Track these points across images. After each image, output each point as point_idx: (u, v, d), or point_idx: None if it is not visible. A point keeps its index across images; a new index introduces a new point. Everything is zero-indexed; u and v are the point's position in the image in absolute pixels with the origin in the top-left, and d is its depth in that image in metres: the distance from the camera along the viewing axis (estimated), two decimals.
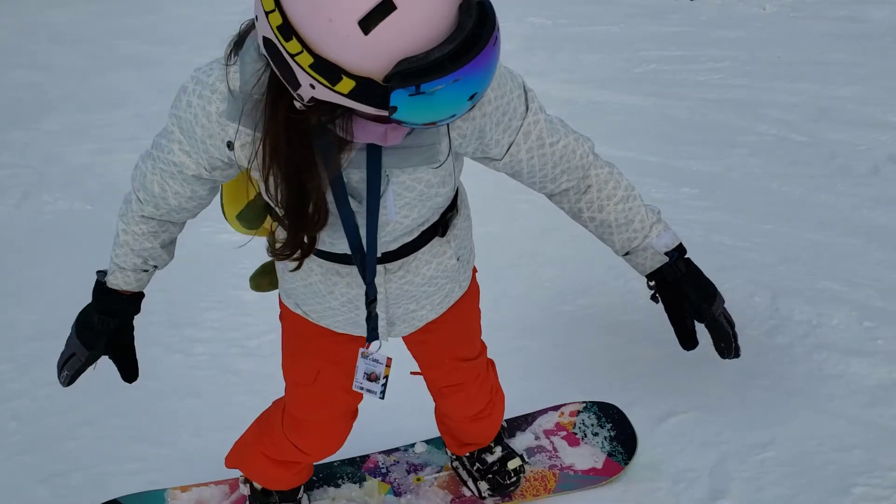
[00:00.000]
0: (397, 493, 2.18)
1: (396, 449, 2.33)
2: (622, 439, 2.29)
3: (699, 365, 2.32)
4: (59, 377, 1.64)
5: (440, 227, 1.54)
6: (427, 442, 2.35)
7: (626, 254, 1.60)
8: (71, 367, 1.62)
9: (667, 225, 1.60)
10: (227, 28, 1.31)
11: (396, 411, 2.16)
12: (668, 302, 1.59)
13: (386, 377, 1.63)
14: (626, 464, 2.21)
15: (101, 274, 1.61)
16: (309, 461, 1.99)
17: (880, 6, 9.43)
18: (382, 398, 1.66)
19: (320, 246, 1.44)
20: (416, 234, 1.49)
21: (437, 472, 2.26)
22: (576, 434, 2.34)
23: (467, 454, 2.18)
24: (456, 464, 2.24)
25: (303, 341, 1.74)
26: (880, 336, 2.83)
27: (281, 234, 1.40)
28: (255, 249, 1.74)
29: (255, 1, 1.02)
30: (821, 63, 7.12)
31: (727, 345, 1.59)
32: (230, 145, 1.27)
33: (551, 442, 2.33)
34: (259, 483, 2.06)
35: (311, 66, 0.98)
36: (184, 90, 1.28)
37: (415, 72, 0.94)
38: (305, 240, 1.33)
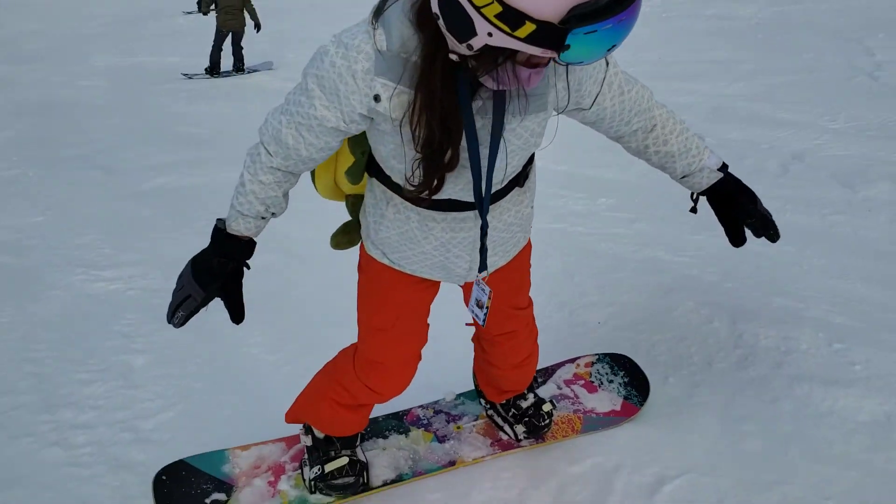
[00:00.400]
0: (440, 440, 2.33)
1: (434, 402, 2.49)
2: (636, 384, 2.49)
3: (679, 416, 2.35)
4: (171, 319, 1.73)
5: (522, 177, 1.71)
6: (460, 394, 2.52)
7: (684, 177, 1.86)
8: (186, 308, 1.71)
9: (709, 147, 1.87)
10: None
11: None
12: (722, 209, 1.89)
13: (488, 307, 1.75)
14: (642, 405, 2.41)
15: (221, 221, 1.72)
16: (380, 401, 2.09)
17: (745, 3, 9.72)
18: (483, 325, 1.79)
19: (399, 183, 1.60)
20: (504, 184, 1.64)
21: (474, 420, 2.41)
22: (593, 382, 2.53)
23: (503, 402, 2.32)
24: (491, 412, 2.38)
25: (385, 289, 1.86)
26: (855, 360, 2.55)
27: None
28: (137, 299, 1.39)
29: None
30: (703, 62, 7.11)
31: (774, 230, 1.89)
32: (377, 98, 1.40)
33: (572, 390, 2.51)
34: (324, 431, 2.15)
35: (496, 16, 1.12)
36: (325, 52, 1.42)
37: (590, 13, 1.08)
38: (435, 182, 1.47)
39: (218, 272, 1.70)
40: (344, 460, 2.12)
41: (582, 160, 4.66)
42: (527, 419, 2.27)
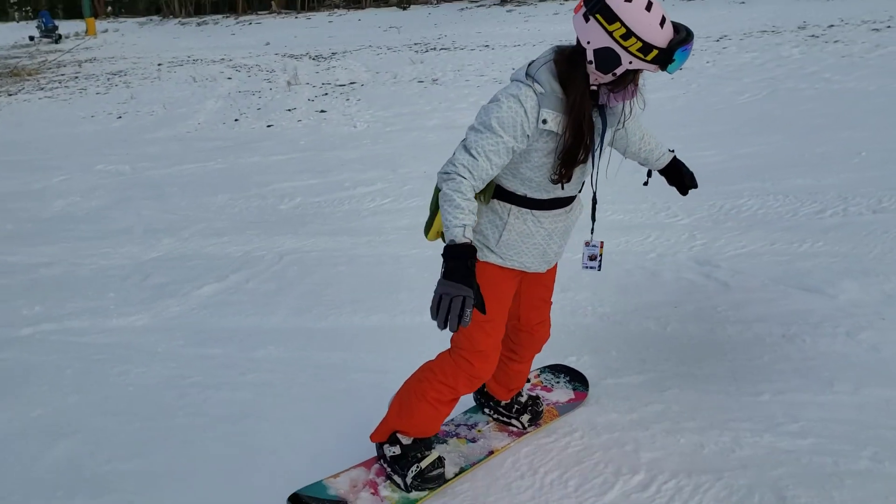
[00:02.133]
0: (472, 441, 3.04)
1: (450, 420, 3.18)
2: (577, 379, 3.53)
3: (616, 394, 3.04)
4: (458, 323, 2.20)
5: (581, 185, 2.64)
6: (465, 411, 3.26)
7: (657, 160, 2.97)
8: (468, 305, 2.21)
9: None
10: None
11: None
12: (674, 175, 3.01)
13: (601, 255, 2.82)
14: (587, 391, 3.42)
15: (450, 239, 2.27)
16: (474, 388, 2.70)
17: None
18: (600, 270, 2.86)
19: (538, 194, 2.50)
20: (580, 186, 2.62)
21: (486, 423, 3.19)
22: (546, 385, 3.48)
23: (504, 403, 3.14)
24: (495, 415, 3.18)
25: (491, 287, 2.53)
26: None
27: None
28: None
29: (593, 30, 2.14)
30: None
31: (696, 183, 3.06)
32: (545, 121, 2.30)
33: (536, 393, 3.39)
34: (416, 433, 2.70)
35: (637, 49, 2.09)
36: (499, 105, 2.34)
37: (679, 42, 2.09)
38: (564, 178, 2.40)
39: (472, 271, 2.24)
40: (435, 454, 2.75)
41: None
42: (528, 409, 3.13)
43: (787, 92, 10.39)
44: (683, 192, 3.02)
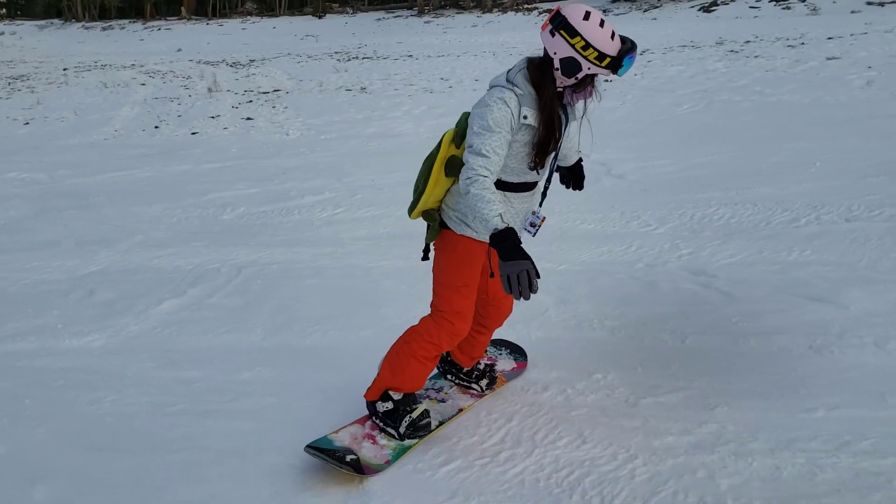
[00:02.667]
0: (443, 402, 3.45)
1: None
2: (516, 350, 3.93)
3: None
4: (529, 292, 2.53)
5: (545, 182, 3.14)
6: (430, 379, 3.65)
7: (571, 158, 3.30)
8: (533, 275, 2.54)
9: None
10: None
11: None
12: (575, 173, 3.35)
13: (540, 227, 3.01)
14: (527, 359, 3.83)
15: (493, 228, 2.59)
16: (455, 344, 3.11)
17: None
18: (534, 237, 3.05)
19: (512, 178, 2.89)
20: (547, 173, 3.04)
21: (451, 387, 3.60)
22: (492, 356, 3.83)
23: (465, 370, 3.55)
24: (457, 380, 3.59)
25: (469, 255, 2.98)
26: None
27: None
28: None
29: (558, 43, 2.61)
30: None
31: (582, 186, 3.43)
32: (525, 117, 2.73)
33: (492, 362, 3.77)
34: (406, 389, 3.10)
35: (594, 58, 2.56)
36: (490, 108, 2.72)
37: (626, 51, 2.57)
38: (538, 165, 2.84)
39: (519, 247, 2.57)
40: (423, 407, 3.19)
41: None
42: (486, 375, 3.57)
43: (723, 104, 10.58)
44: (576, 188, 3.44)
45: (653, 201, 6.50)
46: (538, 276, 2.52)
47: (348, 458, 2.93)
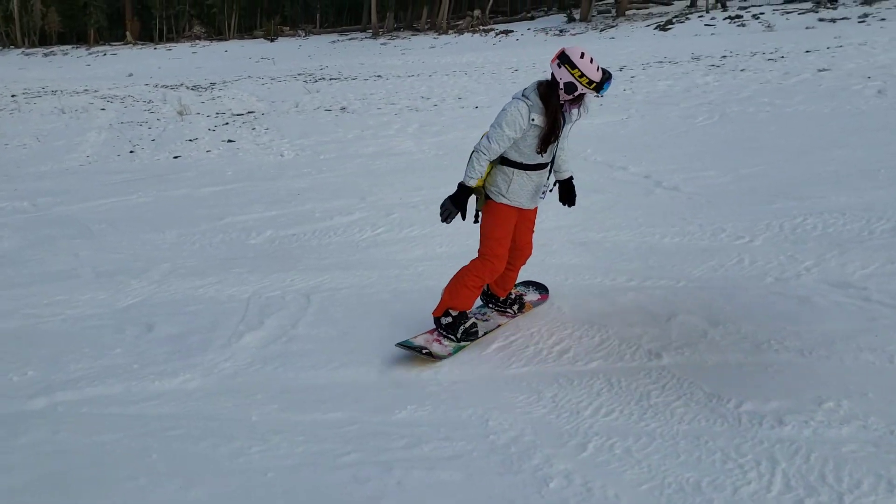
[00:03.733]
0: (486, 320, 4.59)
1: (471, 313, 4.54)
2: (539, 287, 4.97)
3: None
4: (445, 220, 4.10)
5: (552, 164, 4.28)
6: (478, 307, 4.75)
7: (562, 172, 4.35)
8: (451, 217, 4.08)
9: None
10: None
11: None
12: (566, 189, 4.37)
13: (551, 191, 4.30)
14: (548, 291, 4.92)
15: (465, 181, 4.02)
16: (494, 277, 4.31)
17: None
18: (543, 198, 4.27)
19: (529, 161, 4.04)
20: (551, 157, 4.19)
21: (491, 311, 4.71)
22: (522, 293, 4.84)
23: (501, 299, 4.65)
24: (494, 307, 4.70)
25: (505, 218, 4.17)
26: None
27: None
28: None
29: (559, 72, 3.80)
30: None
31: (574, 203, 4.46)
32: (534, 120, 3.85)
33: (521, 293, 4.87)
34: (461, 308, 4.28)
35: (586, 83, 3.74)
36: (507, 113, 3.89)
37: (606, 78, 3.78)
38: (542, 151, 3.99)
39: (464, 201, 4.01)
40: (472, 320, 4.34)
41: None
42: (517, 301, 4.64)
43: (737, 115, 10.44)
44: (569, 205, 4.44)
45: (724, 213, 6.21)
46: (462, 218, 4.16)
47: (423, 351, 4.11)
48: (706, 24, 33.07)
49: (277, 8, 51.65)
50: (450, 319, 4.22)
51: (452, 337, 4.21)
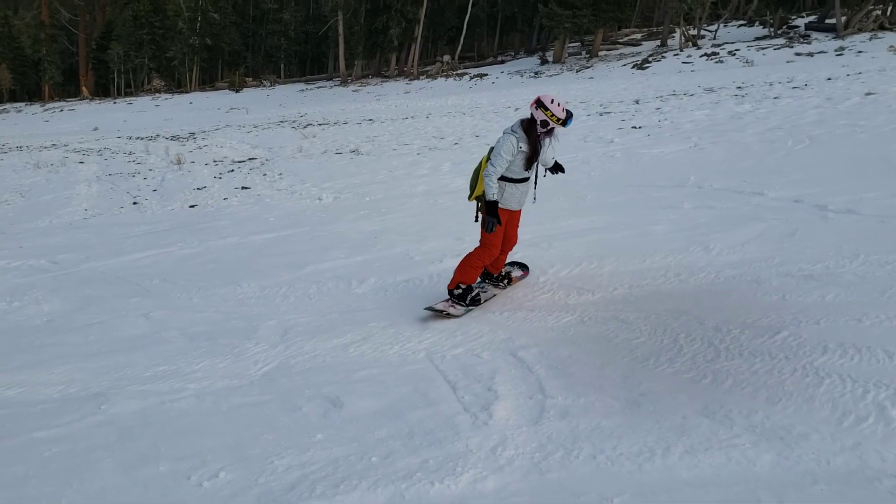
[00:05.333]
0: (485, 291, 5.68)
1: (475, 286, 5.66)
2: (521, 266, 6.09)
3: None
4: (489, 230, 5.22)
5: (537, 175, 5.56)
6: (478, 282, 5.82)
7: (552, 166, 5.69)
8: (493, 227, 5.20)
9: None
10: None
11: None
12: (556, 168, 5.65)
13: (535, 196, 5.59)
14: (528, 269, 6.10)
15: (491, 198, 5.19)
16: (490, 261, 5.45)
17: None
18: (535, 202, 5.65)
19: (517, 176, 5.32)
20: (534, 173, 5.48)
21: (488, 285, 5.79)
22: (508, 271, 5.97)
23: (495, 275, 5.80)
24: (489, 282, 5.83)
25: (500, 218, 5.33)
26: None
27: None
28: None
29: (536, 113, 5.13)
30: None
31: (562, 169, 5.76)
32: (521, 148, 5.21)
33: (509, 271, 6.02)
34: (468, 282, 5.40)
35: (555, 120, 5.09)
36: (505, 144, 5.19)
37: (569, 116, 5.14)
38: (527, 167, 5.32)
39: (496, 212, 5.20)
40: (477, 290, 5.54)
41: None
42: (507, 277, 5.87)
43: (829, 137, 9.70)
44: (558, 171, 5.64)
45: None
46: (500, 224, 5.24)
47: (443, 312, 5.20)
48: (683, 62, 33.10)
49: (239, 60, 50.62)
50: (460, 291, 5.45)
51: (463, 303, 5.40)
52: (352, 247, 7.73)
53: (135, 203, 13.49)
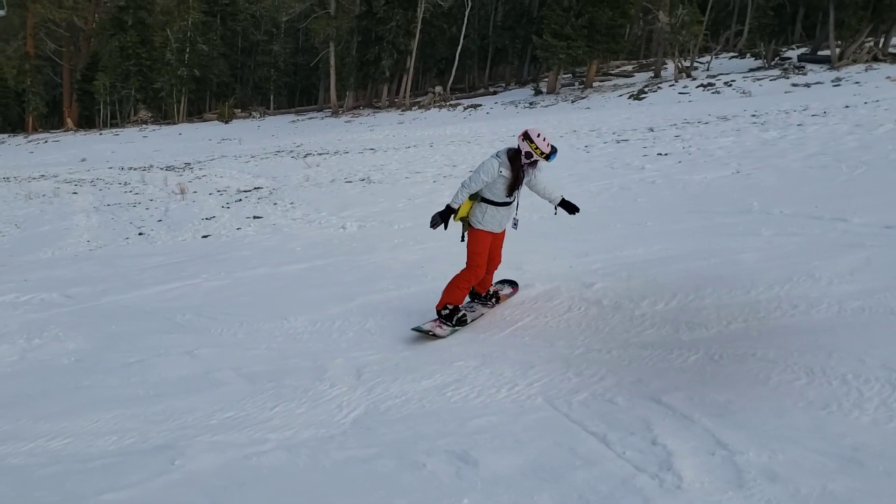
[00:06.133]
0: (473, 311, 5.87)
1: (462, 306, 5.86)
2: (511, 283, 6.34)
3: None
4: (431, 226, 5.57)
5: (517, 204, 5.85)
6: (467, 303, 5.99)
7: (556, 200, 5.90)
8: (436, 226, 5.53)
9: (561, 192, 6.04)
10: None
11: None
12: (566, 206, 5.85)
13: (517, 222, 5.81)
14: (517, 286, 6.32)
15: (451, 204, 5.51)
16: (475, 282, 5.69)
17: None
18: (516, 229, 5.79)
19: (498, 200, 5.57)
20: (515, 199, 5.75)
21: (476, 304, 5.99)
22: (498, 288, 6.22)
23: (482, 294, 6.00)
24: (478, 301, 6.01)
25: (481, 239, 5.63)
26: None
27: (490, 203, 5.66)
28: None
29: (522, 144, 5.38)
30: None
31: (578, 210, 5.94)
32: (502, 173, 5.46)
33: (497, 290, 6.23)
34: (455, 303, 5.61)
35: (539, 153, 5.34)
36: (484, 165, 5.48)
37: (553, 151, 5.42)
38: (509, 193, 5.56)
39: (447, 217, 5.49)
40: (463, 311, 5.69)
41: None
42: (494, 296, 6.02)
43: (889, 162, 9.27)
44: (575, 212, 5.88)
45: None
46: (444, 229, 5.63)
47: (430, 332, 5.42)
48: (680, 92, 33.01)
49: (227, 91, 50.09)
50: (447, 311, 5.60)
51: (449, 324, 5.56)
52: (398, 277, 7.17)
53: (140, 234, 12.86)
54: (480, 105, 37.73)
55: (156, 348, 5.87)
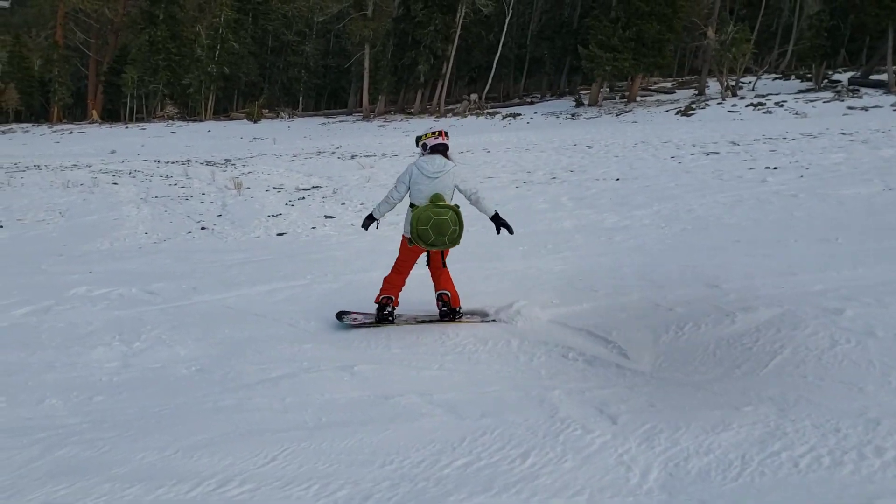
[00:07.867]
0: (400, 315, 5.93)
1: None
2: (483, 317, 5.81)
3: None
4: (364, 227, 6.00)
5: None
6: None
7: (487, 214, 5.74)
8: (366, 227, 5.98)
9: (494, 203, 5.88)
10: None
11: None
12: (499, 224, 5.73)
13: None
14: (489, 320, 5.68)
15: (374, 211, 5.87)
16: (398, 282, 5.84)
17: None
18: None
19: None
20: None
21: (398, 317, 5.92)
22: (464, 313, 5.83)
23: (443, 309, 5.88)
24: (448, 319, 5.81)
25: (404, 245, 5.79)
26: None
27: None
28: None
29: (418, 143, 5.80)
30: None
31: (511, 230, 5.76)
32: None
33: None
34: (384, 293, 5.78)
35: (421, 146, 5.78)
36: (410, 168, 5.68)
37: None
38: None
39: (368, 225, 5.94)
40: (387, 311, 5.76)
41: None
42: (457, 314, 5.81)
43: None
44: (509, 232, 5.73)
45: None
46: (365, 229, 5.96)
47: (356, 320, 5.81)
48: (729, 111, 32.00)
49: (256, 90, 49.23)
50: (381, 303, 5.77)
51: (375, 317, 5.78)
52: (561, 287, 6.17)
53: (203, 228, 11.86)
54: (520, 114, 36.79)
55: (297, 360, 4.87)
